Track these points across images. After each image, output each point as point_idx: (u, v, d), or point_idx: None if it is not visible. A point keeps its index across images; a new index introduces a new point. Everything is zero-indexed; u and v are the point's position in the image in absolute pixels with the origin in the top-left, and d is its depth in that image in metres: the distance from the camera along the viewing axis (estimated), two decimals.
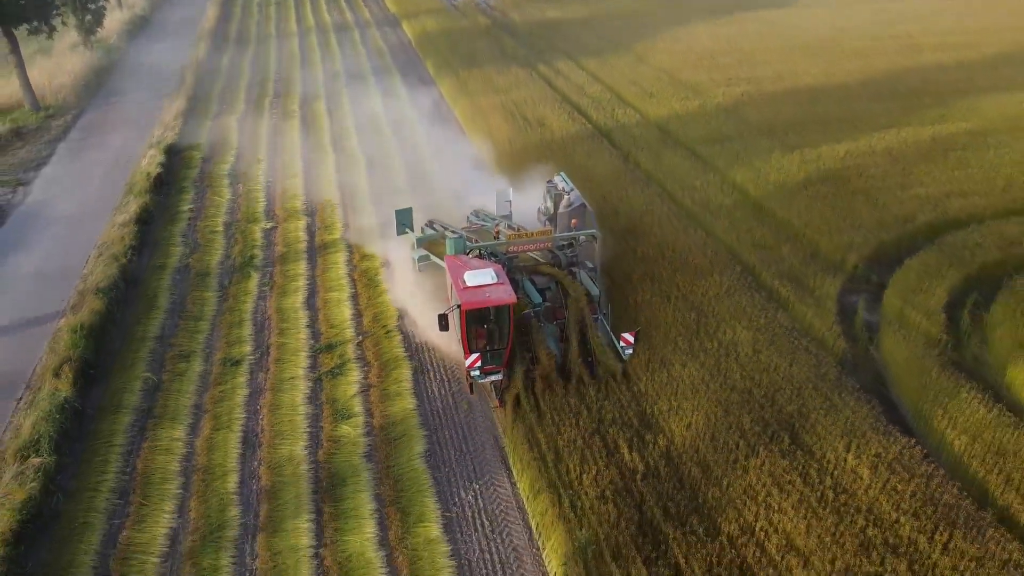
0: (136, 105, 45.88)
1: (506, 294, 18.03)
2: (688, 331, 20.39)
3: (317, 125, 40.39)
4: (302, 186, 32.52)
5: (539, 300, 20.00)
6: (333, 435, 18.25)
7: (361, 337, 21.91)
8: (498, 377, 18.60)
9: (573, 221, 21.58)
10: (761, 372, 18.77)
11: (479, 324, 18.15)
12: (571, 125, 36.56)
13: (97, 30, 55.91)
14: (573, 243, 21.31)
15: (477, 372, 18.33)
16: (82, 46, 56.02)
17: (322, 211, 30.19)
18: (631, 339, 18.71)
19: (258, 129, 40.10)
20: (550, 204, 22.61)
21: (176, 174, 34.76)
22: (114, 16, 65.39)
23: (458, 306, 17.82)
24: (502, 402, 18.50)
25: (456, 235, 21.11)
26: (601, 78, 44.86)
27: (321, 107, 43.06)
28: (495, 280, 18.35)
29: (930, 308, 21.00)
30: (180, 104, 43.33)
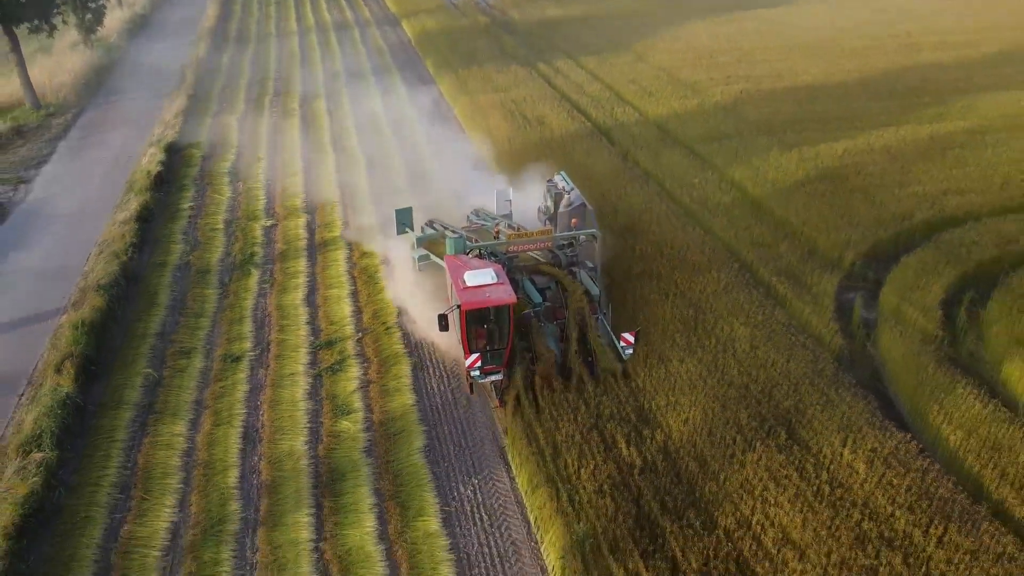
0: (136, 104, 45.99)
1: (506, 294, 17.96)
2: (686, 327, 20.49)
3: (317, 124, 40.46)
4: (302, 184, 32.62)
5: (539, 300, 19.90)
6: (333, 430, 18.36)
7: (361, 333, 22.02)
8: (498, 377, 18.54)
9: (573, 220, 21.49)
10: (758, 368, 18.86)
11: (479, 324, 18.07)
12: (570, 123, 36.63)
13: (97, 29, 55.96)
14: (573, 243, 21.18)
15: (477, 372, 18.27)
16: (82, 45, 56.12)
17: (322, 209, 30.29)
18: (631, 339, 18.62)
19: (258, 128, 40.18)
20: (550, 203, 22.55)
21: (176, 172, 34.86)
22: (114, 15, 65.47)
23: (458, 306, 17.76)
24: (502, 402, 18.47)
25: (456, 235, 21.01)
26: (600, 76, 44.95)
27: (321, 106, 43.12)
28: (495, 280, 18.25)
29: (927, 305, 21.11)
30: (180, 103, 43.41)
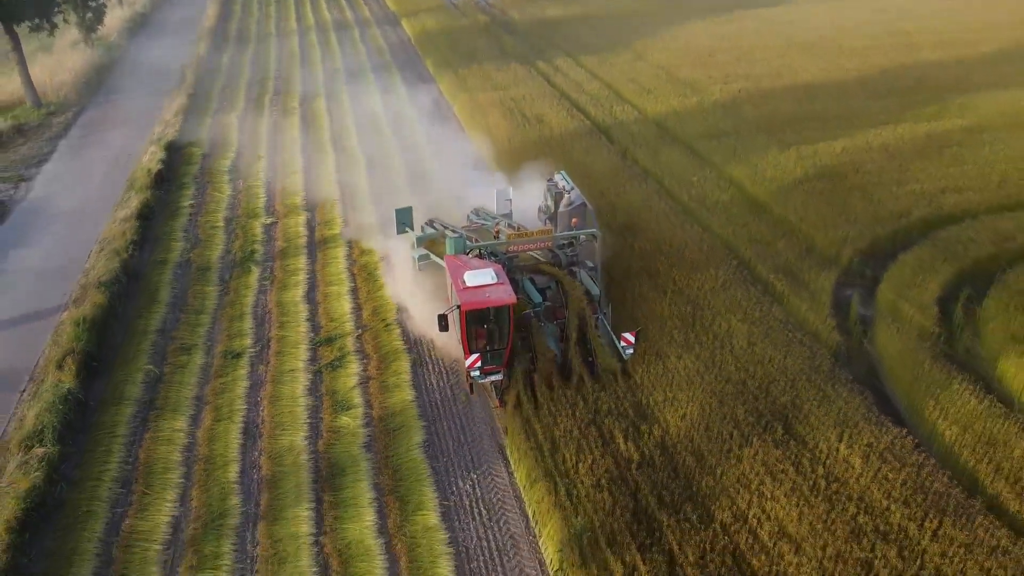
0: (137, 102, 46.09)
1: (506, 294, 17.92)
2: (684, 324, 20.59)
3: (317, 123, 40.57)
4: (302, 182, 32.74)
5: (539, 300, 19.86)
6: (333, 426, 18.47)
7: (360, 330, 22.14)
8: (498, 377, 18.52)
9: (573, 220, 21.46)
10: (755, 364, 18.97)
11: (479, 324, 17.98)
12: (570, 122, 36.74)
13: (98, 28, 56.08)
14: (573, 242, 21.12)
15: (477, 372, 18.25)
16: (83, 44, 56.22)
17: (322, 207, 30.40)
18: (631, 339, 18.60)
19: (258, 126, 40.31)
20: (550, 203, 22.53)
21: (177, 170, 34.99)
22: (115, 14, 65.58)
23: (458, 306, 17.73)
24: (502, 402, 18.46)
25: (456, 234, 20.97)
26: (600, 75, 45.06)
27: (321, 105, 43.21)
28: (495, 280, 18.20)
29: (924, 302, 21.22)
30: (181, 101, 43.53)
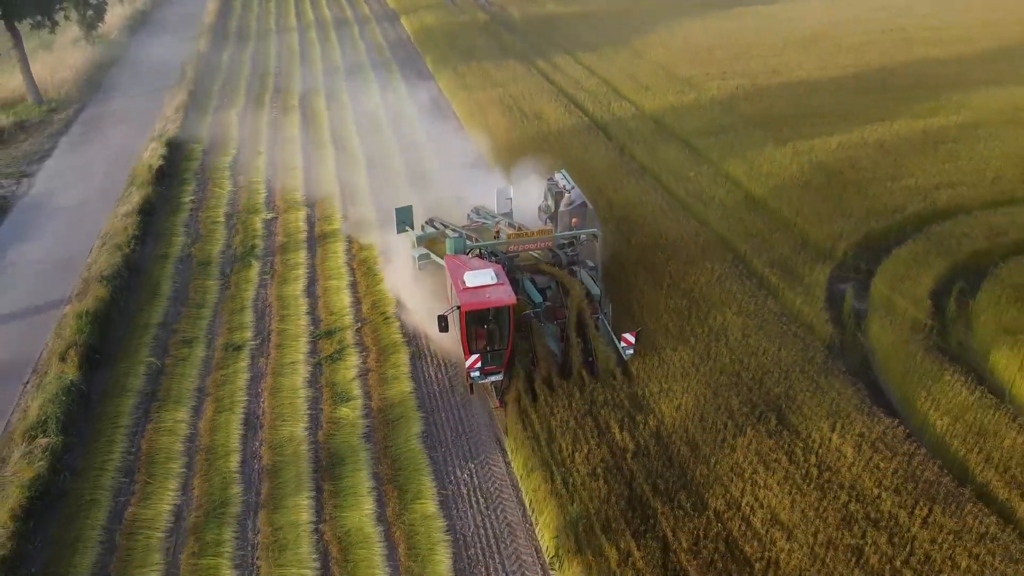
0: (137, 99, 46.27)
1: (506, 295, 17.88)
2: (679, 317, 20.84)
3: (317, 120, 40.75)
4: (302, 178, 32.95)
5: (539, 299, 19.86)
6: (333, 417, 18.71)
7: (360, 324, 22.37)
8: (498, 378, 18.58)
9: (574, 220, 21.50)
10: (750, 356, 19.22)
11: (479, 325, 17.96)
12: (568, 118, 36.96)
13: (98, 25, 56.28)
14: (574, 242, 21.05)
15: (477, 373, 18.32)
16: (84, 41, 56.43)
17: (321, 202, 30.61)
18: (632, 339, 18.63)
19: (258, 123, 40.51)
20: (551, 202, 22.60)
21: (177, 166, 35.21)
22: (115, 11, 65.72)
23: (458, 307, 17.76)
24: (503, 403, 18.54)
25: (456, 234, 20.99)
26: (598, 72, 45.28)
27: (321, 102, 43.41)
28: (495, 281, 18.14)
29: (917, 295, 21.44)
30: (181, 98, 43.67)
